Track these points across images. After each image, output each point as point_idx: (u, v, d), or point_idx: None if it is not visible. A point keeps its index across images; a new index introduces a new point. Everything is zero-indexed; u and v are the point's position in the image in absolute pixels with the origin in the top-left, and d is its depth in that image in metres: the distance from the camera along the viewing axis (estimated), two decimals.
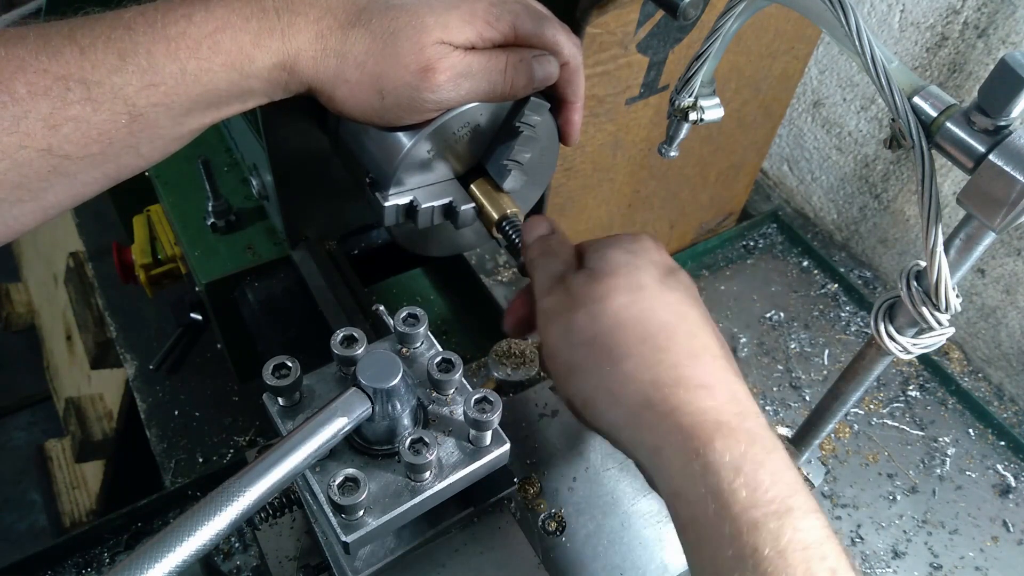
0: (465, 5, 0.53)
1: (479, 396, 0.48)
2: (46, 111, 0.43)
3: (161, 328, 1.10)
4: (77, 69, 0.44)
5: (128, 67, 0.45)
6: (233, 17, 0.48)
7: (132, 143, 0.47)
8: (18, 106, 0.43)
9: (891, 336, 0.49)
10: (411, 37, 0.50)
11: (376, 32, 0.50)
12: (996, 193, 0.39)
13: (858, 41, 0.42)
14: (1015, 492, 0.95)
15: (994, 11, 0.92)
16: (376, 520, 0.46)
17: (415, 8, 0.51)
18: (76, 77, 0.44)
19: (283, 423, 0.50)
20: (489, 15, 0.53)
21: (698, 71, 0.55)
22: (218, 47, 0.47)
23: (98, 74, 0.44)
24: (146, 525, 0.87)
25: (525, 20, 0.54)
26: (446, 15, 0.51)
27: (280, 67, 0.49)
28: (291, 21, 0.49)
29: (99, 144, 0.46)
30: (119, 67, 0.45)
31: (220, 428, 0.97)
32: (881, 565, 0.87)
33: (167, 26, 0.46)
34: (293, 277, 0.83)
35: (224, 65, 0.48)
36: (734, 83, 0.96)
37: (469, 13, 0.52)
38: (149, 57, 0.45)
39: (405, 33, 0.50)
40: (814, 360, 1.07)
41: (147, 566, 0.38)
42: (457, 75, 0.52)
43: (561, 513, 0.59)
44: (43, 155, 0.44)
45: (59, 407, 1.76)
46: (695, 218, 1.17)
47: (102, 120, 0.45)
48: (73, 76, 0.44)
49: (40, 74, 0.43)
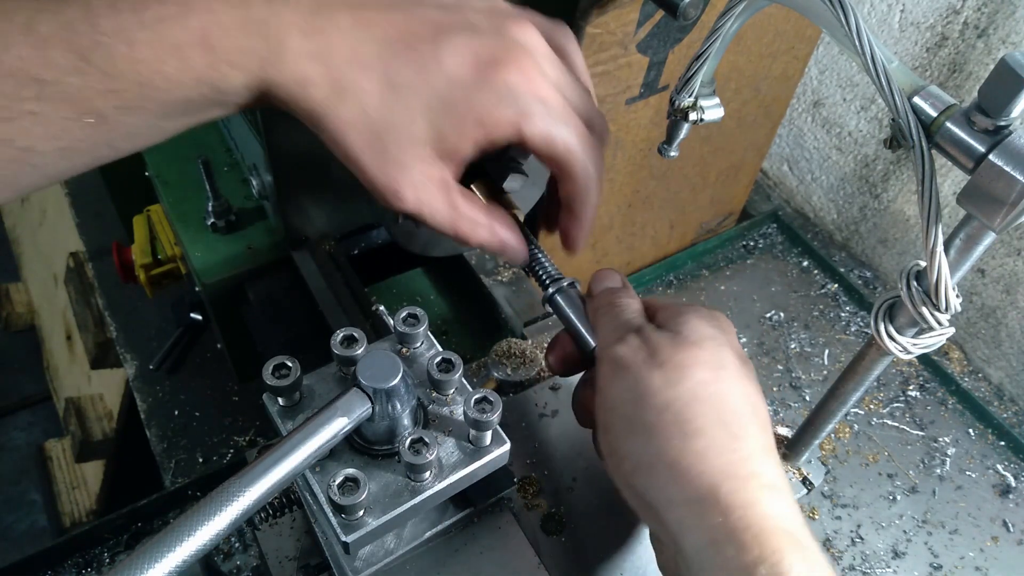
0: (471, 97, 0.45)
1: (479, 396, 0.48)
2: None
3: (161, 328, 1.10)
4: (31, 64, 0.38)
5: (89, 69, 0.39)
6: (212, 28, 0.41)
7: (104, 140, 0.43)
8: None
9: (891, 336, 0.49)
10: (398, 135, 0.45)
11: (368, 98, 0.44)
12: (996, 193, 0.39)
13: (858, 41, 0.42)
14: (1015, 492, 0.95)
15: (994, 11, 0.92)
16: (376, 520, 0.46)
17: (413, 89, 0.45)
18: (30, 73, 0.38)
19: (283, 423, 0.50)
20: (492, 113, 0.45)
21: (698, 71, 0.55)
22: (188, 61, 0.41)
23: (53, 73, 0.39)
24: (146, 525, 0.87)
25: (535, 123, 0.46)
26: (442, 117, 0.45)
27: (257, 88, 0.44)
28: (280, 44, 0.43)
29: (65, 139, 0.41)
30: (78, 68, 0.39)
31: (220, 428, 0.97)
32: (881, 565, 0.87)
33: (134, 28, 0.40)
34: (293, 277, 0.83)
35: (195, 79, 0.42)
36: (734, 83, 0.96)
37: (466, 108, 0.45)
38: (110, 61, 0.40)
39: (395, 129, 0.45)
40: (814, 360, 1.07)
41: (147, 566, 0.38)
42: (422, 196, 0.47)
43: (561, 513, 0.59)
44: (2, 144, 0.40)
45: (59, 407, 1.76)
46: (695, 218, 1.17)
47: (63, 119, 0.40)
48: (26, 72, 0.38)
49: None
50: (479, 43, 0.46)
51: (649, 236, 1.13)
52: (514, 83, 0.46)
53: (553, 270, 0.57)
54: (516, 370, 0.66)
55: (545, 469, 0.61)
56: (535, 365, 0.67)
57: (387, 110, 0.45)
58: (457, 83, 0.45)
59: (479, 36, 0.46)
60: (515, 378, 0.66)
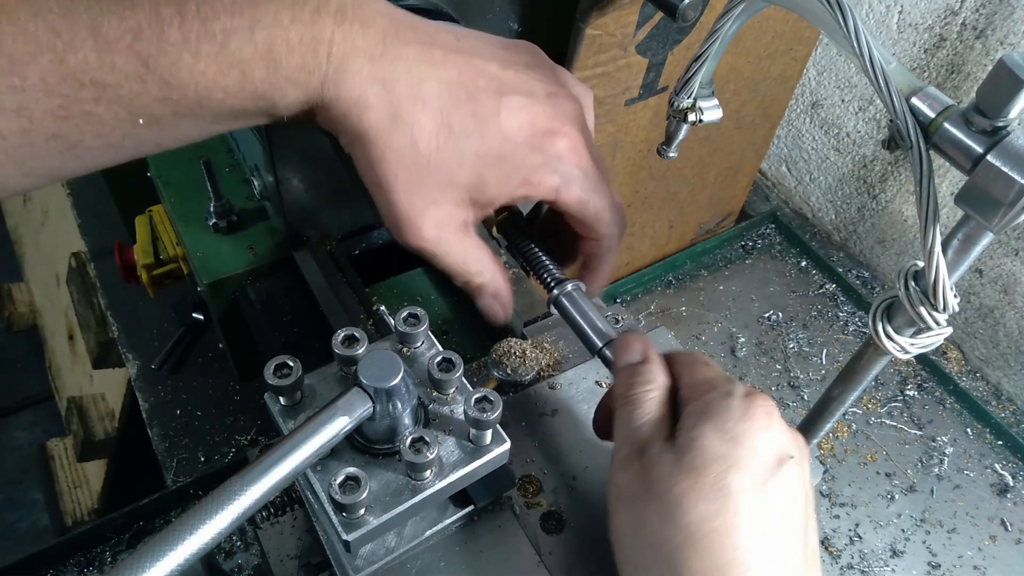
0: (523, 158, 0.48)
1: (479, 395, 0.48)
2: (56, 104, 0.39)
3: (163, 328, 1.11)
4: (94, 68, 0.39)
5: (150, 76, 0.40)
6: (279, 44, 0.41)
7: (150, 138, 0.43)
8: (27, 93, 0.38)
9: (889, 336, 0.49)
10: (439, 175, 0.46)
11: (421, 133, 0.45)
12: (994, 193, 0.39)
13: (856, 42, 0.42)
14: (1013, 491, 0.95)
15: (992, 12, 0.92)
16: (377, 519, 0.46)
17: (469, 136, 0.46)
18: (92, 77, 0.39)
19: (284, 422, 0.50)
20: (538, 175, 0.49)
21: (697, 72, 0.56)
22: (249, 75, 0.41)
23: (114, 78, 0.39)
24: (148, 524, 0.87)
25: (571, 190, 0.50)
26: (490, 168, 0.47)
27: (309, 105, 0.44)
28: (344, 64, 0.43)
29: (114, 136, 0.41)
30: (139, 75, 0.40)
31: (222, 427, 0.98)
32: (879, 564, 0.88)
33: (201, 40, 0.40)
34: (294, 277, 0.83)
35: (253, 93, 0.42)
36: (733, 84, 0.96)
37: (515, 167, 0.48)
38: (172, 71, 0.40)
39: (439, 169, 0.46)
40: (812, 360, 1.07)
41: (149, 565, 0.38)
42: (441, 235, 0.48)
43: (561, 512, 0.59)
44: (52, 140, 0.40)
45: (61, 407, 1.76)
46: (694, 218, 1.18)
47: (116, 119, 0.41)
48: (89, 75, 0.39)
49: (56, 65, 0.38)
50: (537, 110, 0.49)
51: (648, 236, 1.14)
52: (562, 153, 0.50)
53: (557, 271, 0.57)
54: (516, 370, 0.66)
55: (545, 468, 0.61)
56: (535, 365, 0.67)
57: (437, 149, 0.46)
58: (511, 142, 0.48)
59: (536, 103, 0.49)
60: (515, 378, 0.66)
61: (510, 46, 0.52)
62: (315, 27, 0.42)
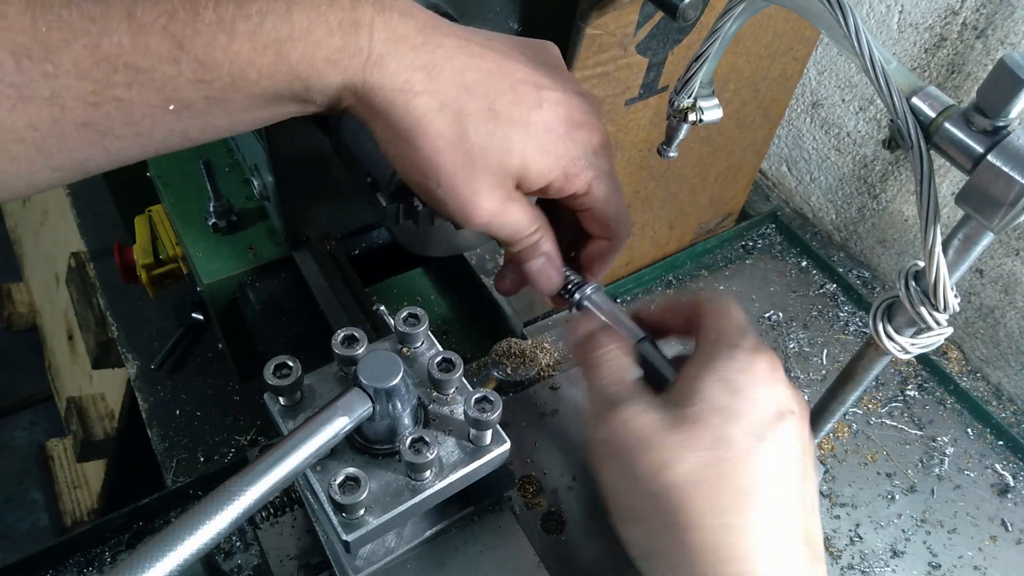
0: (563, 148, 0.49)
1: (479, 395, 0.48)
2: (88, 89, 0.38)
3: (162, 328, 1.10)
4: (128, 52, 0.38)
5: (184, 57, 0.39)
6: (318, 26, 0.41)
7: (181, 128, 0.42)
8: (60, 80, 0.38)
9: (889, 336, 0.49)
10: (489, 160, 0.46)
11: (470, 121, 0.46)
12: (994, 193, 0.39)
13: (857, 42, 0.42)
14: (1013, 491, 0.95)
15: (993, 12, 0.92)
16: (377, 519, 0.46)
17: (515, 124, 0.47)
18: (125, 61, 0.38)
19: (284, 422, 0.50)
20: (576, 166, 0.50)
21: (697, 72, 0.56)
22: (285, 55, 0.41)
23: (149, 61, 0.39)
24: (147, 524, 0.87)
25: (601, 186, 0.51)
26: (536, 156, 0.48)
27: (350, 90, 0.44)
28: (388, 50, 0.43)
29: (144, 124, 0.41)
30: (173, 56, 0.39)
31: (221, 427, 0.97)
32: (880, 564, 0.88)
33: (236, 20, 0.40)
34: (294, 277, 0.83)
35: (287, 75, 0.42)
36: (733, 84, 0.96)
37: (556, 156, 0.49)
38: (207, 51, 0.40)
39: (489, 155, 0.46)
40: (813, 360, 1.07)
41: (148, 565, 0.38)
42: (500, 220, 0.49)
43: (561, 512, 0.59)
44: (81, 129, 0.39)
45: (61, 407, 1.76)
46: (694, 218, 1.18)
47: (147, 104, 0.40)
48: (123, 58, 0.38)
49: (90, 50, 0.38)
50: (571, 105, 0.50)
51: (648, 236, 1.14)
52: (596, 148, 0.51)
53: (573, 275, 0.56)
54: (516, 370, 0.66)
55: (545, 468, 0.61)
56: (535, 365, 0.67)
57: (487, 136, 0.46)
58: (553, 133, 0.48)
59: (572, 98, 0.50)
60: (515, 378, 0.66)
61: (537, 47, 0.53)
62: (355, 12, 0.42)
